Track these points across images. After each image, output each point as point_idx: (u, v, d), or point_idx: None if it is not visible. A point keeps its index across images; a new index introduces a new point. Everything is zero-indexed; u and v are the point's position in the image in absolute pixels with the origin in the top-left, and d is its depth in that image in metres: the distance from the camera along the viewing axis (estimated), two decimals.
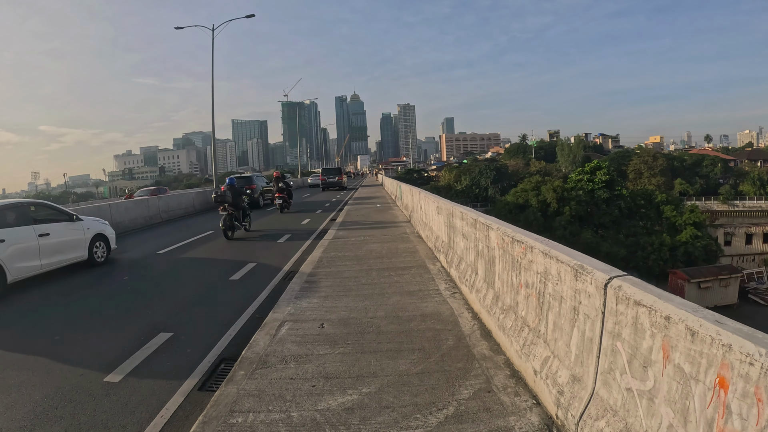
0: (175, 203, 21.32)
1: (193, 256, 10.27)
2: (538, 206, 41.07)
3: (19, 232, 7.62)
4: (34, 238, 7.89)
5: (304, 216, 17.26)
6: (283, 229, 13.85)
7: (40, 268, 7.93)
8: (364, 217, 14.81)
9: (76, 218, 9.14)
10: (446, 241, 7.24)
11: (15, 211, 7.86)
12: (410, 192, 13.11)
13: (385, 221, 13.24)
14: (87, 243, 9.23)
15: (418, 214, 11.01)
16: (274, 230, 13.68)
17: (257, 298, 6.69)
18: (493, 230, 4.54)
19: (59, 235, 8.51)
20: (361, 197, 26.11)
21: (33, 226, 7.98)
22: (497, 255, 4.45)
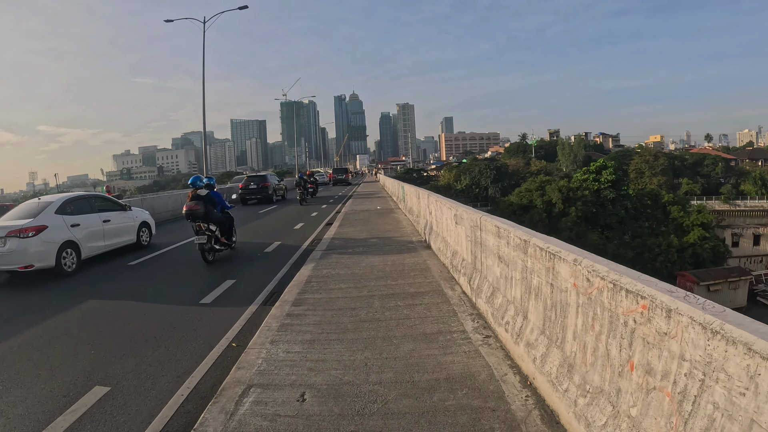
0: (161, 206, 19.71)
1: (165, 269, 8.62)
2: (543, 207, 39.47)
3: (89, 219, 9.32)
4: (100, 223, 9.59)
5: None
6: (274, 233, 12.26)
7: (104, 248, 9.66)
8: (363, 222, 13.18)
9: (127, 208, 10.78)
10: (469, 260, 5.62)
11: (85, 202, 9.57)
12: (416, 195, 11.48)
13: (387, 229, 11.60)
14: (136, 229, 10.82)
15: (427, 221, 9.40)
16: (261, 239, 12.06)
17: (224, 337, 5.06)
18: (565, 263, 2.92)
19: (117, 222, 10.13)
20: (361, 197, 24.48)
21: (98, 214, 9.66)
22: (574, 302, 2.84)
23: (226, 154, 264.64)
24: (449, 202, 7.05)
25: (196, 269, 8.54)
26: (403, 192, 15.27)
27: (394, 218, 13.65)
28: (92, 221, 9.35)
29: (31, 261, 7.87)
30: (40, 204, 8.87)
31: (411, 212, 12.63)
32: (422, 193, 10.20)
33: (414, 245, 8.96)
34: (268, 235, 12.27)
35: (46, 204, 8.81)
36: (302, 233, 12.57)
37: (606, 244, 39.85)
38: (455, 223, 6.29)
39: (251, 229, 13.89)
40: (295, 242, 11.11)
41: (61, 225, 8.59)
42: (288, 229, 13.53)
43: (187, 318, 5.72)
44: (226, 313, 5.90)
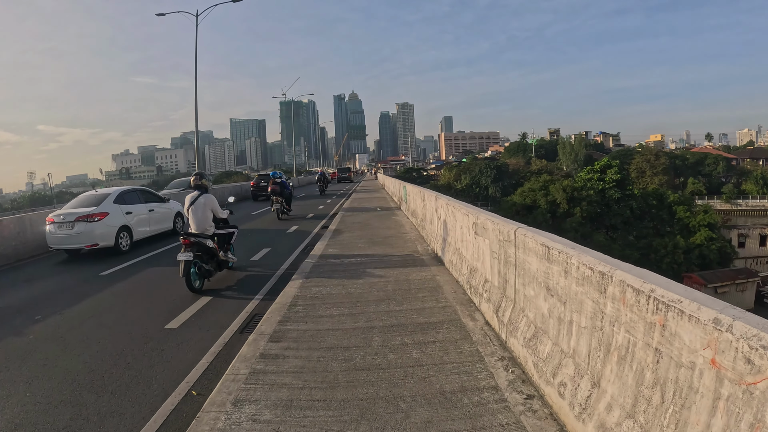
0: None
1: (134, 278, 7.39)
2: (547, 207, 38.29)
3: (139, 208, 11.04)
4: (146, 212, 11.28)
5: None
6: (264, 241, 11.05)
7: (149, 232, 11.38)
8: (362, 226, 11.97)
9: (166, 200, 12.50)
10: (495, 283, 4.39)
11: (135, 194, 11.34)
12: (420, 196, 10.26)
13: (388, 234, 10.38)
14: (172, 217, 12.43)
15: (435, 227, 8.17)
16: (251, 243, 10.84)
17: (185, 380, 3.88)
18: (694, 324, 1.70)
19: (159, 211, 11.81)
20: (360, 197, 23.27)
21: (145, 204, 11.36)
22: (709, 389, 1.64)
23: (225, 153, 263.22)
24: (465, 206, 5.80)
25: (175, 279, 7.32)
26: (405, 192, 14.06)
27: (395, 221, 12.44)
28: (141, 210, 11.15)
29: (96, 241, 9.69)
30: (98, 195, 10.69)
31: (415, 215, 11.41)
32: (428, 194, 8.94)
33: (420, 256, 7.74)
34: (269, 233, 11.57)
35: (104, 195, 10.60)
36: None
37: (611, 245, 38.70)
38: (474, 233, 5.07)
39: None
40: (290, 246, 9.93)
41: (118, 212, 10.35)
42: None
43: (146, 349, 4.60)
44: (193, 343, 4.75)
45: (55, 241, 9.84)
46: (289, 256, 9.14)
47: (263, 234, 12.55)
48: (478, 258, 4.99)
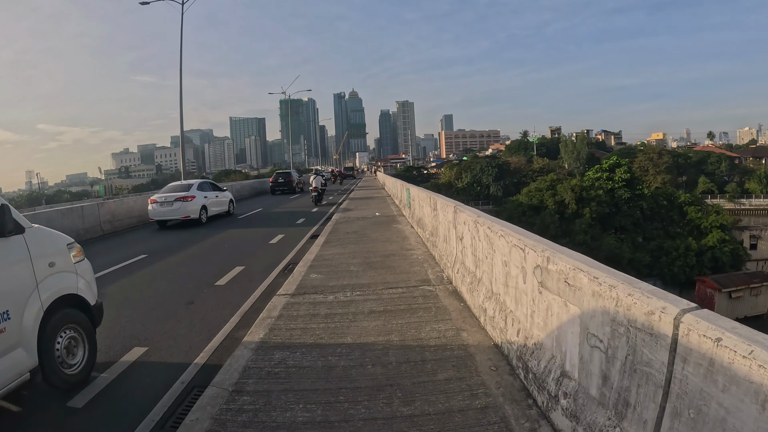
0: (125, 211, 16.34)
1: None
2: (555, 207, 36.15)
3: (210, 194, 15.89)
4: (214, 197, 16.13)
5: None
6: (241, 252, 8.94)
7: (215, 212, 16.07)
8: (357, 237, 9.84)
9: (224, 189, 17.60)
10: (594, 393, 2.26)
11: (207, 184, 16.52)
12: (430, 204, 8.02)
13: (388, 251, 8.17)
14: (227, 203, 17.26)
15: (451, 247, 6.02)
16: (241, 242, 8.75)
17: None
18: None
19: (220, 197, 16.66)
20: (358, 199, 21.13)
21: (213, 191, 16.28)
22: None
23: (225, 152, 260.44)
24: (512, 231, 3.54)
25: None
26: (409, 196, 11.92)
27: (397, 231, 10.31)
28: (211, 195, 15.84)
29: (189, 214, 14.36)
30: (184, 184, 15.45)
31: (422, 226, 9.26)
32: (442, 203, 6.69)
33: (433, 289, 5.59)
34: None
35: (190, 184, 15.38)
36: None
37: (623, 248, 36.61)
38: (539, 284, 2.92)
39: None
40: (267, 264, 7.82)
41: (200, 196, 14.95)
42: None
43: None
44: None
45: (157, 215, 14.58)
46: (262, 283, 7.03)
47: (246, 243, 10.46)
48: (545, 326, 2.85)
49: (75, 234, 12.93)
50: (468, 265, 4.94)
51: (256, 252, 9.76)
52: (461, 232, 5.18)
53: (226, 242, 11.45)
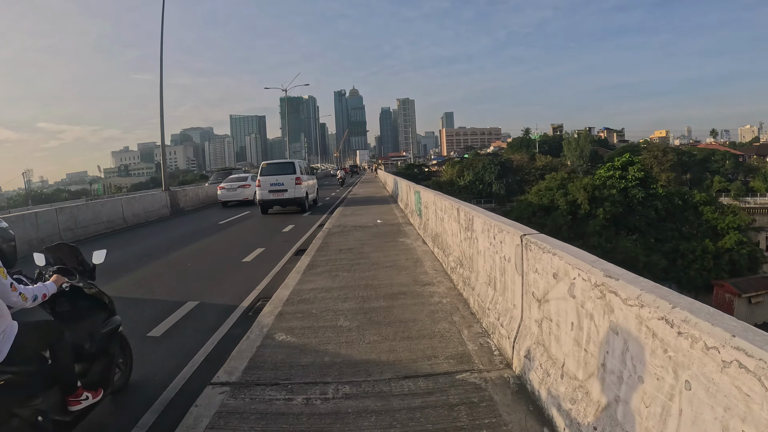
0: (90, 217, 13.96)
1: None
2: (567, 208, 33.65)
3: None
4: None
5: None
6: (203, 279, 6.49)
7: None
8: (352, 259, 7.24)
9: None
10: None
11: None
12: (457, 217, 5.40)
13: (397, 289, 5.47)
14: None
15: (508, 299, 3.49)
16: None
17: None
18: None
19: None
20: (356, 200, 18.61)
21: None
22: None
23: (225, 149, 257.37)
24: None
25: None
26: (418, 201, 9.38)
27: (406, 250, 7.71)
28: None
29: (247, 197, 19.37)
30: (242, 176, 22.00)
31: (441, 245, 6.62)
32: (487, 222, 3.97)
33: (480, 383, 3.06)
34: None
35: (248, 175, 21.98)
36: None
37: (638, 251, 34.14)
38: None
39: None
40: (228, 299, 5.31)
41: (253, 184, 18.38)
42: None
43: None
44: None
45: (224, 197, 19.87)
46: (209, 339, 4.57)
47: (217, 262, 7.97)
48: None
49: (28, 245, 10.51)
50: (565, 355, 2.44)
51: (221, 276, 7.28)
52: (545, 290, 2.66)
53: (198, 255, 9.01)
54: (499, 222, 3.58)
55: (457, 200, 5.73)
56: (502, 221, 3.66)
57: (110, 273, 7.26)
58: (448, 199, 6.12)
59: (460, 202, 5.57)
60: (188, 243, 10.78)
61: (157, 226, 15.11)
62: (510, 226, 3.31)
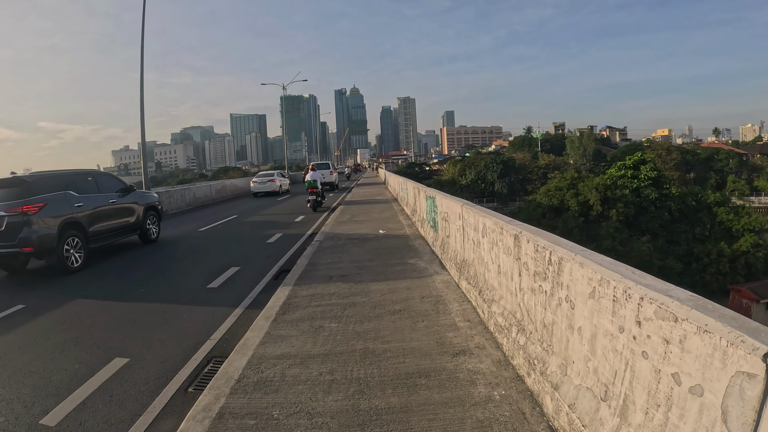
0: None
1: None
2: (578, 209, 31.58)
3: (282, 179, 26.05)
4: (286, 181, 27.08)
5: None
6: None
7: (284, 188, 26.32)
8: (345, 298, 5.13)
9: (286, 177, 28.57)
10: None
11: (280, 174, 27.52)
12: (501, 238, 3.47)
13: (408, 347, 3.59)
14: (288, 184, 27.43)
15: (587, 396, 1.51)
16: None
17: None
18: None
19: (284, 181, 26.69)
20: (355, 204, 16.54)
21: (284, 178, 27.28)
22: None
23: (225, 148, 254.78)
24: None
25: None
26: (433, 210, 7.29)
27: (418, 280, 5.55)
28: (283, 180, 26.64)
29: (275, 189, 24.68)
30: (269, 172, 26.69)
31: (471, 275, 4.64)
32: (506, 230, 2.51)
33: None
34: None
35: (273, 173, 26.42)
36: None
37: (653, 254, 32.10)
38: None
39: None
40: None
41: (278, 178, 25.62)
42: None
43: None
44: None
45: (256, 189, 24.64)
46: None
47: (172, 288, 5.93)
48: None
49: None
50: None
51: (171, 314, 5.24)
52: None
53: (154, 278, 6.96)
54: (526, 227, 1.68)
55: (509, 219, 3.67)
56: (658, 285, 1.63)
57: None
58: (488, 214, 4.04)
59: (515, 222, 3.51)
60: (152, 259, 8.76)
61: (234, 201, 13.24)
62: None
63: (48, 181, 7.95)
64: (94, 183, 8.93)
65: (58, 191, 7.97)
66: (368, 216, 12.36)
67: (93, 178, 9.03)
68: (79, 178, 8.62)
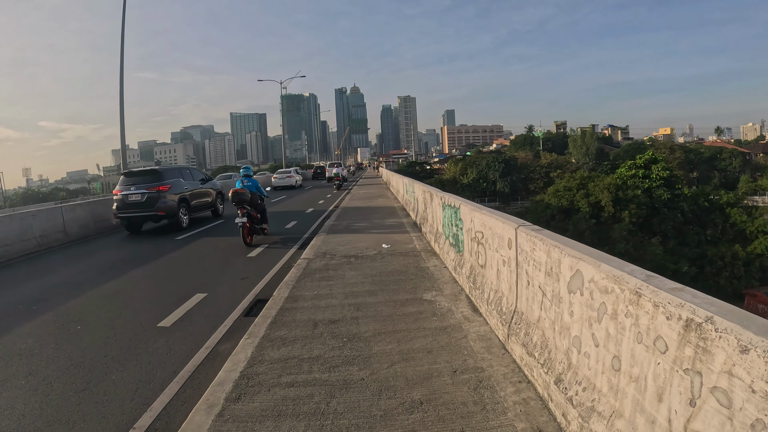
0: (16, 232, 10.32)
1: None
2: (590, 210, 29.83)
3: (298, 176, 32.19)
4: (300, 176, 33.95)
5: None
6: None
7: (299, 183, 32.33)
8: (338, 356, 3.45)
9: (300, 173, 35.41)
10: None
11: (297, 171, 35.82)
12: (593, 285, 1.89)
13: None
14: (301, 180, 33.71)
15: None
16: None
17: None
18: None
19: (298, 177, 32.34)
20: (353, 209, 14.78)
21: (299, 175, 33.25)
22: None
23: (225, 148, 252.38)
24: None
25: None
26: (454, 223, 5.35)
27: (443, 333, 3.74)
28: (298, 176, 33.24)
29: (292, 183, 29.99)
30: (288, 170, 34.00)
31: (529, 339, 2.95)
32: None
33: None
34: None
35: (290, 169, 35.49)
36: None
37: (666, 257, 30.35)
38: None
39: None
40: None
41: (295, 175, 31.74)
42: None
43: None
44: None
45: (276, 183, 29.19)
46: None
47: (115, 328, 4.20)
48: None
49: None
50: None
51: (96, 380, 3.51)
52: None
53: (103, 306, 5.18)
54: None
55: (646, 273, 1.91)
56: None
57: None
58: (579, 250, 2.28)
59: (668, 282, 1.75)
60: (110, 277, 7.04)
61: (104, 241, 11.47)
62: None
63: (170, 171, 12.06)
64: (190, 174, 13.09)
65: (175, 178, 11.96)
66: (369, 223, 10.58)
67: (189, 171, 13.22)
68: (183, 171, 12.79)
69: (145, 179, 11.43)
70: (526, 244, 2.94)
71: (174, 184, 11.57)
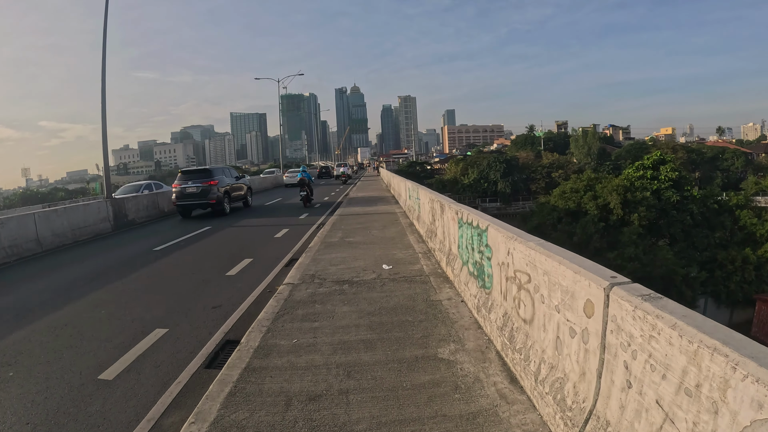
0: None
1: None
2: (598, 213, 28.61)
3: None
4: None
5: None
6: None
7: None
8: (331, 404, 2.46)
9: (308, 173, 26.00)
10: None
11: (305, 171, 18.79)
12: None
13: None
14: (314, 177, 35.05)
15: None
16: None
17: None
18: None
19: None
20: (350, 215, 13.58)
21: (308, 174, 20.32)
22: None
23: (225, 147, 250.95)
24: None
25: None
26: (483, 257, 3.90)
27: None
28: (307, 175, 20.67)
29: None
30: (297, 169, 29.03)
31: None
32: None
33: None
34: None
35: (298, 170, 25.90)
36: None
37: (676, 262, 29.12)
38: None
39: None
40: None
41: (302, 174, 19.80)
42: None
43: None
44: None
45: (287, 181, 31.03)
46: None
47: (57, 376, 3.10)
48: None
49: None
50: None
51: None
52: None
53: (57, 334, 4.06)
54: None
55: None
56: None
57: None
58: None
59: None
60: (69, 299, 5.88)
61: (83, 249, 10.36)
62: None
63: (216, 170, 15.49)
64: (229, 172, 16.52)
65: (220, 175, 15.39)
66: (367, 236, 9.35)
67: (228, 170, 16.67)
68: (225, 170, 16.35)
69: (200, 175, 15.02)
70: (630, 324, 1.73)
71: (220, 180, 15.01)
